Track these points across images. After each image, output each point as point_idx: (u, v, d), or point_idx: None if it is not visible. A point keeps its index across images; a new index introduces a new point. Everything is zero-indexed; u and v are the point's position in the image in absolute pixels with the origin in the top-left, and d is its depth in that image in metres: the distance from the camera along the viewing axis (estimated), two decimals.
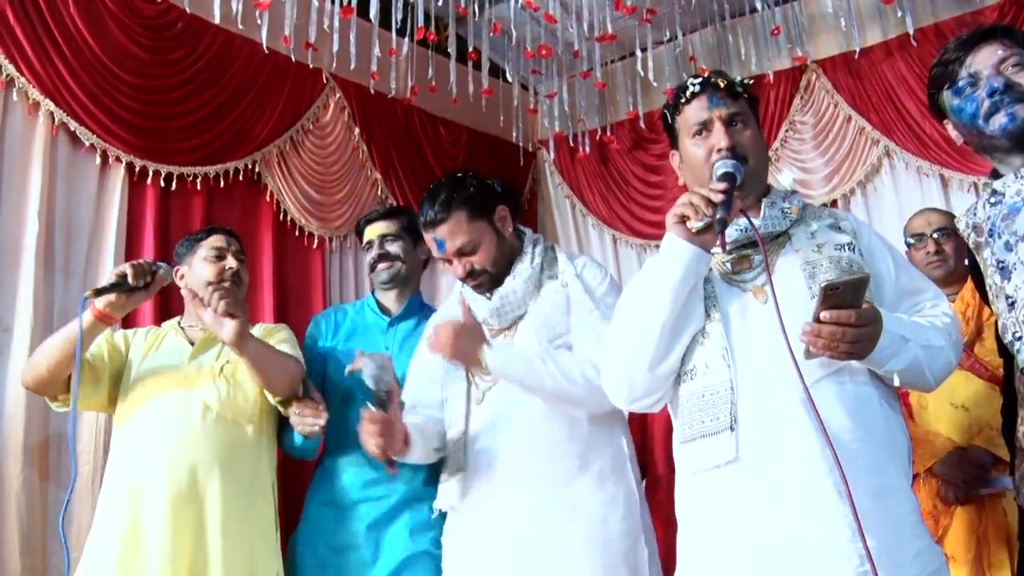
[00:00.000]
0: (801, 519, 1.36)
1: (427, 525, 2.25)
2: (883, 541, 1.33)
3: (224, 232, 2.39)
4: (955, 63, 1.57)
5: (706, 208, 1.43)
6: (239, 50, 3.51)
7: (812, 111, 4.28)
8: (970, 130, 1.57)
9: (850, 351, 1.36)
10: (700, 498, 1.52)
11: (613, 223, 4.84)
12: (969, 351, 2.38)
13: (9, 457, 2.57)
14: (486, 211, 1.99)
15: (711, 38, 4.51)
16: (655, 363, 1.53)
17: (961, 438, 2.37)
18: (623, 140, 4.83)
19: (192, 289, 2.21)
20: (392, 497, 2.30)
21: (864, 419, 1.43)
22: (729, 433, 1.44)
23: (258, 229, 3.58)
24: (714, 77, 1.63)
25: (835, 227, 1.59)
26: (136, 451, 2.08)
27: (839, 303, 1.32)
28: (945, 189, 3.92)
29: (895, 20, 4.00)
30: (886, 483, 1.41)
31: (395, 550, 2.26)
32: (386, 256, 2.51)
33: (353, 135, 3.98)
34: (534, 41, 4.14)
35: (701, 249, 1.48)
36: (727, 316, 1.52)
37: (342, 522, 2.31)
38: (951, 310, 1.58)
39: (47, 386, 2.09)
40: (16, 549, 2.52)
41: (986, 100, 1.51)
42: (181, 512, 1.99)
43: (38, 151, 2.85)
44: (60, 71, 2.89)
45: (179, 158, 3.23)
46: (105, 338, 2.19)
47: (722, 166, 1.53)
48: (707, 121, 1.60)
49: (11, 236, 2.74)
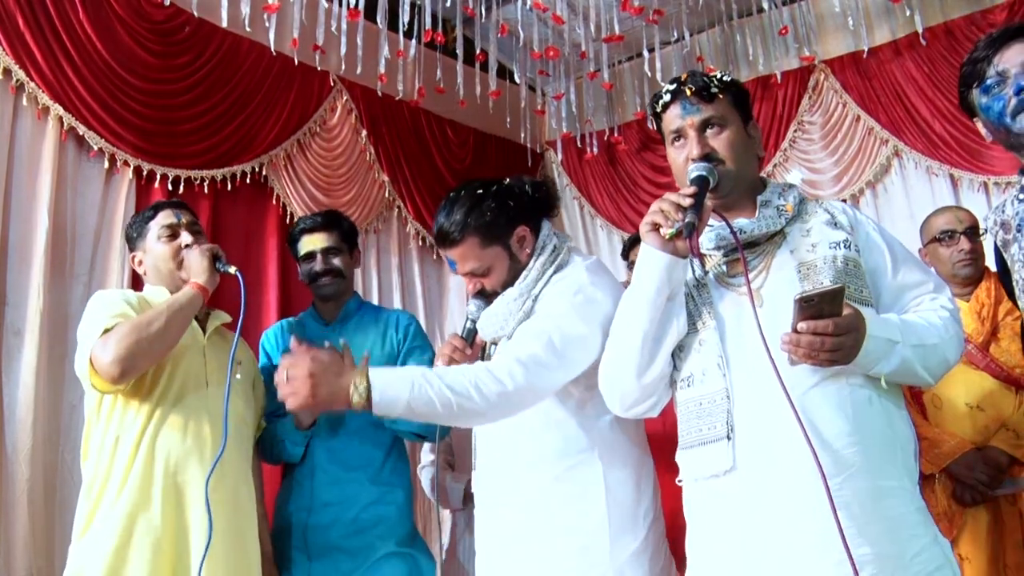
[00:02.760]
0: (798, 527, 1.36)
1: (395, 525, 2.39)
2: (880, 545, 1.34)
3: (171, 205, 2.28)
4: (983, 61, 1.57)
5: (676, 214, 1.44)
6: (247, 53, 3.52)
7: (820, 111, 4.26)
8: (998, 128, 1.57)
9: (832, 359, 1.36)
10: (701, 506, 1.53)
11: (622, 224, 4.82)
12: (984, 351, 2.37)
13: (19, 458, 2.58)
14: (502, 235, 1.84)
15: (719, 38, 4.50)
16: (641, 372, 1.54)
17: (977, 438, 2.35)
18: (631, 141, 4.82)
19: (157, 268, 2.18)
20: (358, 500, 2.36)
21: (862, 422, 1.42)
22: (726, 442, 1.45)
23: (264, 232, 3.59)
24: (684, 84, 1.62)
25: (831, 223, 1.57)
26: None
27: (816, 314, 1.32)
28: (955, 189, 3.89)
29: (904, 19, 3.98)
30: (883, 485, 1.40)
31: (369, 552, 2.34)
32: (330, 271, 2.54)
33: (360, 137, 3.98)
34: (541, 42, 4.15)
35: (675, 256, 1.47)
36: (722, 322, 1.52)
37: (312, 526, 2.35)
38: (951, 302, 1.57)
39: (139, 371, 2.00)
40: (25, 549, 2.52)
41: (1013, 98, 1.51)
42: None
43: (47, 155, 2.85)
44: (69, 76, 2.90)
45: (186, 161, 3.24)
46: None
47: (694, 170, 1.54)
48: (680, 129, 1.61)
49: (21, 240, 2.74)
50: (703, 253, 1.61)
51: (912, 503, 1.43)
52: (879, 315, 1.49)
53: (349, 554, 2.33)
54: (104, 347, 1.92)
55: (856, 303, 1.43)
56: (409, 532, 2.47)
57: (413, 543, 2.45)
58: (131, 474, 1.98)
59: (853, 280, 1.50)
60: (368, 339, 2.52)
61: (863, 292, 1.50)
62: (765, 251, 1.56)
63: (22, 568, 2.51)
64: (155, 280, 2.20)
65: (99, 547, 1.92)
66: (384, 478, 2.42)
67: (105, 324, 1.97)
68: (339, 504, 2.35)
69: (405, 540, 2.42)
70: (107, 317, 2.00)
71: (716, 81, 1.61)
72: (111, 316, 2.00)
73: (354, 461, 2.39)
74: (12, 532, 2.52)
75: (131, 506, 1.95)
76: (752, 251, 1.56)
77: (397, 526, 2.41)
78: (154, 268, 2.20)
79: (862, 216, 1.65)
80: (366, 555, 2.34)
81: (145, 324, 1.95)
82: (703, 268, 1.60)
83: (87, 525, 1.97)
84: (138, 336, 1.93)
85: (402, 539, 2.41)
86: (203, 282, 2.08)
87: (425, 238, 4.27)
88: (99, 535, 1.94)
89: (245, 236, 3.51)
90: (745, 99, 1.67)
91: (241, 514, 2.11)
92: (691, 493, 1.56)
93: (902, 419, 1.50)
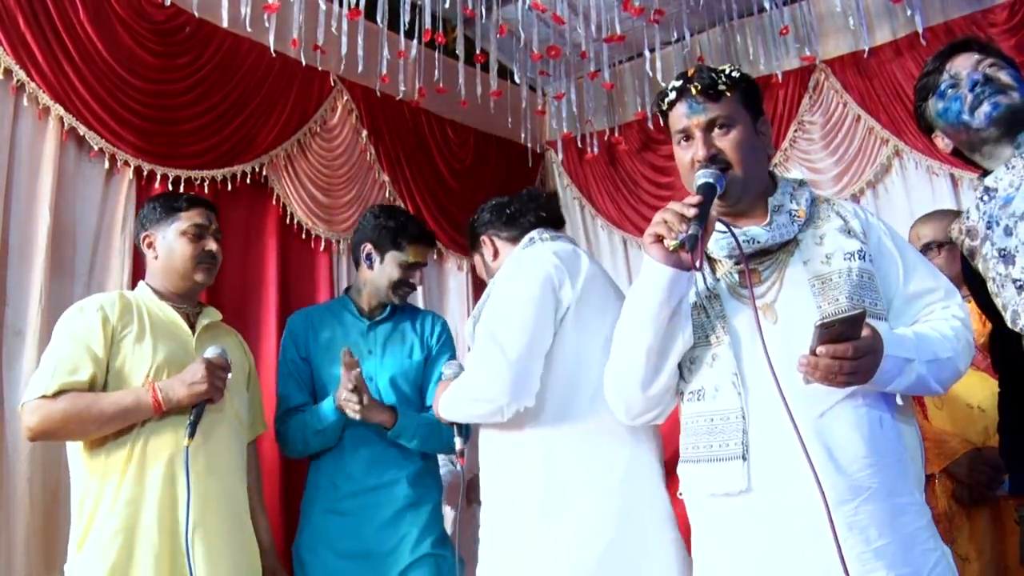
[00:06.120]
0: (810, 552, 1.35)
1: (429, 528, 2.38)
2: (896, 567, 1.34)
3: (204, 205, 2.25)
4: (935, 72, 1.64)
5: (679, 224, 1.37)
6: (247, 53, 3.52)
7: (821, 111, 4.26)
8: (957, 128, 1.61)
9: (849, 381, 1.33)
10: (712, 523, 1.50)
11: (622, 224, 4.82)
12: (985, 352, 2.36)
13: (19, 458, 2.58)
14: (473, 246, 2.24)
15: (719, 38, 4.50)
16: (646, 384, 1.53)
17: (977, 439, 2.35)
18: (631, 141, 4.82)
19: (171, 261, 2.14)
20: (394, 502, 2.36)
21: (877, 443, 1.40)
22: (741, 463, 1.42)
23: (264, 232, 3.58)
24: (691, 81, 1.55)
25: (844, 230, 1.53)
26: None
27: (835, 337, 1.30)
28: (955, 189, 3.89)
29: (904, 19, 3.98)
30: (898, 503, 1.39)
31: (402, 554, 2.33)
32: (415, 285, 2.56)
33: (361, 137, 3.98)
34: (542, 42, 4.14)
35: (678, 269, 1.42)
36: (737, 338, 1.48)
37: (346, 529, 2.33)
38: (962, 309, 1.55)
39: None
40: (25, 549, 2.52)
41: (969, 95, 1.57)
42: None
43: (48, 156, 2.85)
44: (69, 76, 2.90)
45: (186, 162, 3.24)
46: (97, 362, 1.98)
47: (700, 176, 1.48)
48: (686, 129, 1.55)
49: (22, 240, 2.74)
50: (714, 259, 1.58)
51: (923, 517, 1.43)
52: (893, 331, 1.46)
53: (382, 555, 2.32)
54: (32, 414, 1.91)
55: (870, 317, 1.40)
56: (442, 534, 2.46)
57: (445, 545, 2.43)
58: (123, 485, 1.94)
59: (868, 294, 1.47)
60: (407, 340, 2.53)
61: (877, 305, 1.47)
62: (778, 260, 1.52)
63: (22, 568, 2.51)
64: (158, 270, 2.17)
65: (97, 565, 1.88)
66: (420, 480, 2.42)
67: (47, 388, 1.91)
68: (374, 506, 2.34)
69: (438, 542, 2.41)
70: (59, 375, 1.93)
71: (724, 77, 1.54)
72: (64, 374, 1.93)
73: (390, 464, 2.39)
74: (12, 532, 2.52)
75: (127, 520, 1.91)
76: (763, 260, 1.52)
77: (432, 528, 2.40)
78: (166, 259, 2.15)
79: (874, 220, 1.61)
80: (399, 557, 2.33)
81: (78, 420, 1.90)
82: (714, 276, 1.56)
83: (83, 539, 1.93)
84: (66, 425, 1.91)
85: (435, 541, 2.39)
86: (168, 398, 1.95)
87: None
88: (96, 551, 1.90)
89: (245, 236, 3.51)
90: (755, 95, 1.61)
91: (238, 508, 2.10)
92: (699, 509, 1.53)
93: (912, 432, 1.50)
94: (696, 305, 1.54)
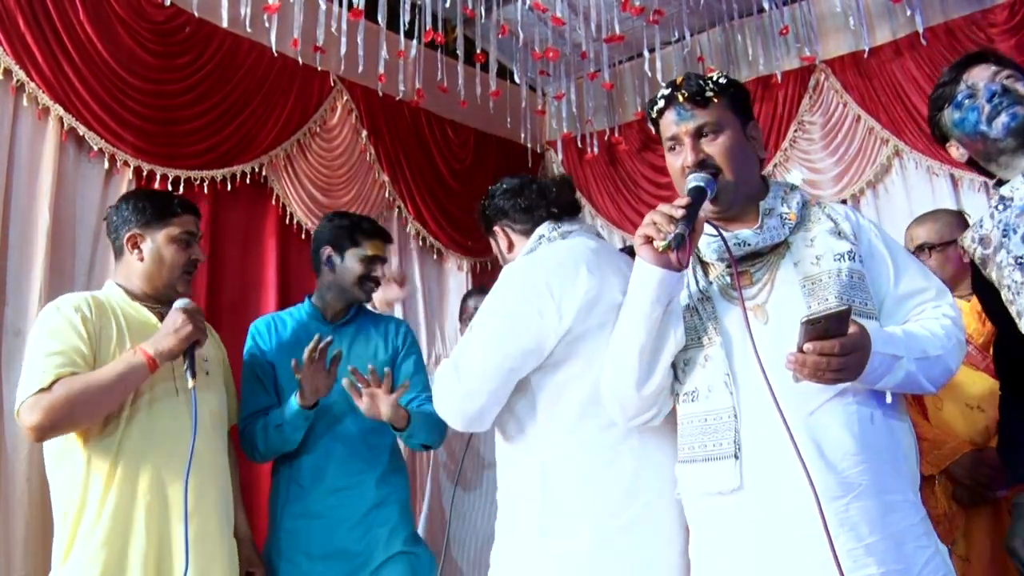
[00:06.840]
0: (802, 549, 1.36)
1: (400, 527, 2.42)
2: (887, 563, 1.35)
3: (195, 211, 2.20)
4: (951, 83, 1.65)
5: (668, 225, 1.41)
6: (247, 54, 3.52)
7: (821, 111, 4.26)
8: (974, 139, 1.62)
9: (837, 378, 1.34)
10: (706, 522, 1.52)
11: (622, 224, 4.82)
12: (985, 352, 2.36)
13: (19, 458, 2.58)
14: (487, 231, 2.13)
15: (719, 38, 4.50)
16: (640, 384, 1.54)
17: (977, 439, 2.35)
18: (631, 141, 4.82)
19: (157, 266, 2.09)
20: (363, 503, 2.37)
21: (868, 439, 1.41)
22: (733, 461, 1.44)
23: (263, 232, 3.59)
24: (678, 89, 1.59)
25: (835, 232, 1.55)
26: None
27: (822, 334, 1.31)
28: (956, 189, 3.89)
29: (904, 19, 3.98)
30: (889, 500, 1.40)
31: (374, 553, 2.35)
32: (378, 280, 2.56)
33: (360, 137, 3.98)
34: (542, 43, 4.15)
35: (667, 269, 1.46)
36: (729, 338, 1.50)
37: (318, 530, 2.34)
38: (953, 308, 1.56)
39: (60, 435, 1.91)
40: (24, 549, 2.53)
41: (986, 105, 1.59)
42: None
43: (48, 156, 2.86)
44: (69, 76, 2.91)
45: (186, 162, 3.24)
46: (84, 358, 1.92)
47: (692, 180, 1.51)
48: (675, 136, 1.59)
49: (22, 240, 2.75)
50: (706, 262, 1.60)
51: (916, 514, 1.44)
52: (883, 328, 1.47)
53: (355, 555, 2.33)
54: (31, 410, 1.82)
55: (860, 316, 1.42)
56: (413, 531, 2.49)
57: (416, 542, 2.47)
58: (109, 493, 1.89)
59: (858, 294, 1.48)
60: (371, 342, 2.54)
61: (867, 305, 1.49)
62: (769, 262, 1.54)
63: (21, 568, 2.51)
64: (139, 272, 2.10)
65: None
66: (388, 479, 2.44)
67: (41, 381, 1.84)
68: (344, 507, 2.35)
69: (410, 539, 2.44)
70: (49, 368, 1.86)
71: (711, 84, 1.57)
72: (54, 367, 1.86)
73: (358, 464, 2.39)
74: (11, 532, 2.53)
75: (112, 532, 1.88)
76: (755, 262, 1.55)
77: (402, 526, 2.43)
78: (154, 264, 2.09)
79: (864, 221, 1.63)
80: (372, 555, 2.35)
81: (83, 400, 1.84)
82: (707, 279, 1.58)
83: (68, 550, 1.88)
84: (72, 410, 1.84)
85: (407, 539, 2.42)
86: (159, 351, 1.92)
87: (425, 238, 4.28)
88: (82, 561, 1.86)
89: (245, 236, 3.51)
90: (744, 100, 1.64)
91: (221, 502, 2.10)
92: (695, 508, 1.55)
93: (904, 429, 1.50)
94: (689, 307, 1.57)
